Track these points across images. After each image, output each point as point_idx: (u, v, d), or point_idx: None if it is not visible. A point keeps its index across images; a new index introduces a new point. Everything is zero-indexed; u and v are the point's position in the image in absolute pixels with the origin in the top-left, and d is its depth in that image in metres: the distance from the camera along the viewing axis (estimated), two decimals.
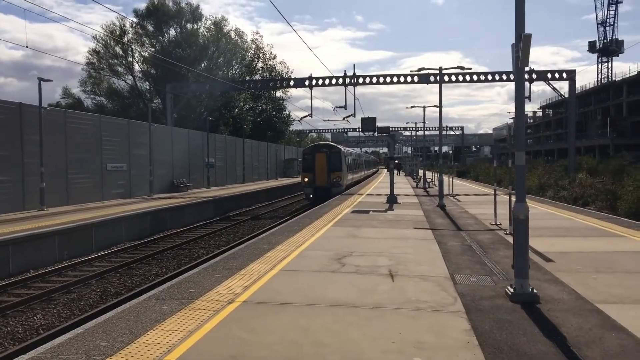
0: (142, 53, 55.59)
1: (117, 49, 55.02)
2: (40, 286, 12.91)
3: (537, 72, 40.96)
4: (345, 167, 32.39)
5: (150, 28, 55.65)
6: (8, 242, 13.96)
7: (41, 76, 21.50)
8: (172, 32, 56.78)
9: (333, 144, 35.33)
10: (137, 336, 5.72)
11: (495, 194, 16.24)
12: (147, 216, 21.19)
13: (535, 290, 7.28)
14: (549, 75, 41.24)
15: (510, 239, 11.76)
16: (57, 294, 12.22)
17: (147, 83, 57.23)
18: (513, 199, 8.37)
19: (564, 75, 41.44)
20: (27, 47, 54.10)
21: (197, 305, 6.91)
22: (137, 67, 56.36)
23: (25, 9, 21.63)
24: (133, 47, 54.40)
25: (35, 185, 20.92)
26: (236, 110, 60.98)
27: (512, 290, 7.30)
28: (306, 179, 31.49)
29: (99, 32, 53.83)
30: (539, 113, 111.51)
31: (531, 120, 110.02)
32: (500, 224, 14.99)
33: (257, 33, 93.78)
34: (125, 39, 54.30)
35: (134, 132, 29.47)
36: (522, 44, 7.16)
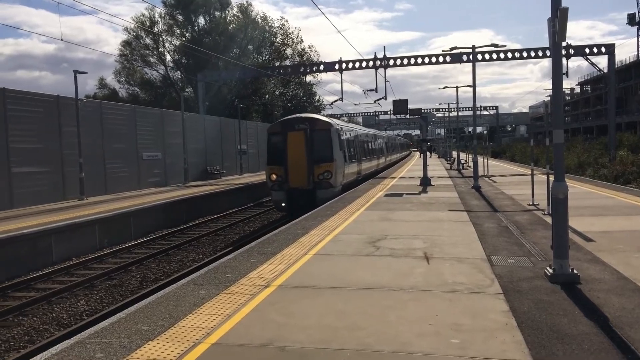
0: (173, 42, 56.18)
1: (148, 39, 55.73)
2: (82, 273, 13.32)
3: (575, 47, 39.66)
4: (340, 154, 20.54)
5: (180, 17, 56.10)
6: (51, 232, 14.41)
7: (74, 68, 21.98)
8: (201, 20, 57.13)
9: (318, 116, 22.64)
10: (177, 320, 5.84)
11: (532, 174, 15.90)
12: (183, 204, 21.54)
13: (575, 271, 7.12)
14: (587, 50, 39.89)
15: (548, 219, 11.52)
16: (99, 280, 12.58)
17: (179, 72, 57.86)
18: (551, 178, 8.17)
19: (603, 49, 40.00)
20: (61, 40, 55.34)
21: (233, 290, 7.01)
22: (168, 57, 57.04)
23: (58, 2, 22.19)
24: (164, 37, 55.00)
25: (74, 176, 21.49)
26: (267, 96, 61.15)
27: (551, 271, 7.15)
28: (273, 177, 19.76)
29: (130, 24, 54.58)
30: (577, 89, 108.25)
31: (568, 97, 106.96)
32: (538, 205, 14.68)
33: (282, 18, 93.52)
34: (156, 30, 54.91)
35: (168, 121, 29.91)
36: (558, 18, 6.92)
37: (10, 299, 11.27)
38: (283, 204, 19.86)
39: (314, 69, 48.24)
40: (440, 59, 39.37)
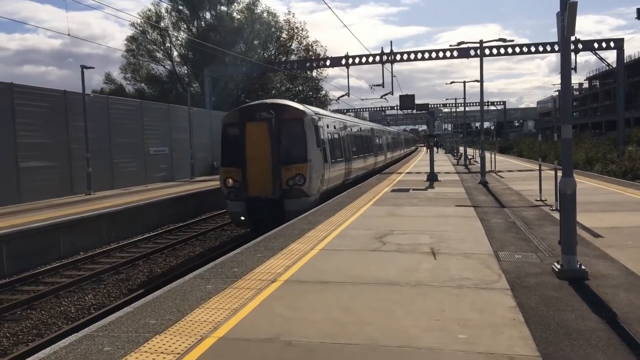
0: (180, 38, 56.22)
1: (155, 34, 55.78)
2: (90, 267, 13.40)
3: (583, 42, 39.38)
4: (318, 153, 16.12)
5: (186, 12, 56.11)
6: (58, 226, 14.49)
7: (80, 63, 22.06)
8: (207, 15, 57.10)
9: (288, 102, 17.93)
10: (184, 314, 5.86)
11: (540, 169, 15.82)
12: (190, 199, 21.61)
13: (583, 267, 7.08)
14: (596, 45, 39.60)
15: (556, 215, 11.47)
16: (107, 274, 12.65)
17: (185, 68, 57.90)
18: (559, 173, 8.12)
19: (612, 44, 39.68)
20: (69, 35, 55.24)
21: (240, 284, 7.02)
22: (175, 52, 57.09)
23: None
24: (170, 32, 55.05)
25: (82, 171, 21.58)
26: (273, 91, 61.08)
27: (559, 266, 7.12)
28: (229, 182, 15.58)
29: (136, 19, 54.65)
30: (585, 84, 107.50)
31: (577, 92, 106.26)
32: (546, 200, 14.61)
33: (289, 13, 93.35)
34: (162, 25, 54.96)
35: (174, 116, 29.97)
36: (567, 12, 6.86)
37: (18, 293, 11.35)
38: (242, 218, 15.52)
39: (320, 64, 48.15)
40: (448, 53, 39.20)
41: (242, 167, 15.29)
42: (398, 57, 39.55)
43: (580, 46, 38.94)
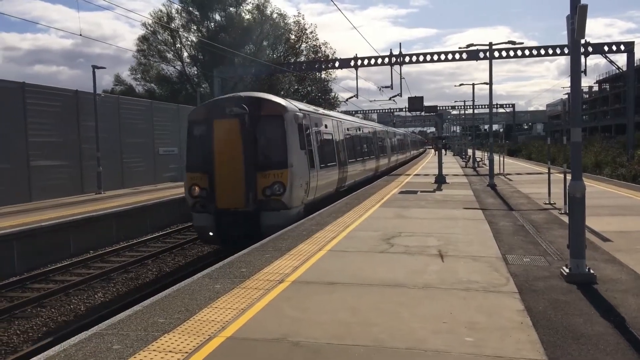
0: (190, 38, 56.49)
1: (166, 35, 56.09)
2: (99, 266, 13.50)
3: (593, 45, 39.11)
4: (302, 156, 13.99)
5: (196, 13, 56.38)
6: (69, 225, 14.60)
7: (91, 64, 22.26)
8: (217, 17, 57.35)
9: (265, 95, 14.77)
10: (193, 313, 5.90)
11: (549, 173, 15.75)
12: None
13: (592, 271, 7.06)
14: (606, 48, 39.31)
15: (565, 218, 11.42)
16: (116, 273, 12.74)
17: (195, 68, 58.17)
18: (568, 177, 8.10)
19: (622, 47, 39.38)
20: (80, 35, 55.52)
21: (248, 284, 7.06)
22: (185, 53, 57.38)
23: None
24: (181, 32, 55.34)
25: (92, 170, 21.75)
26: (282, 92, 61.26)
27: (567, 270, 7.10)
28: (195, 191, 13.39)
29: (147, 19, 54.99)
30: (595, 88, 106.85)
31: (586, 96, 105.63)
32: (555, 203, 14.55)
33: (299, 14, 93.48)
34: (173, 25, 55.26)
35: (184, 117, 29.93)
36: (578, 15, 6.85)
37: (29, 291, 11.47)
38: (210, 233, 13.13)
39: (329, 65, 48.17)
40: (457, 56, 39.05)
41: (209, 173, 12.94)
42: (407, 59, 39.46)
43: (590, 49, 38.68)
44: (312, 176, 14.46)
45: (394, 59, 38.96)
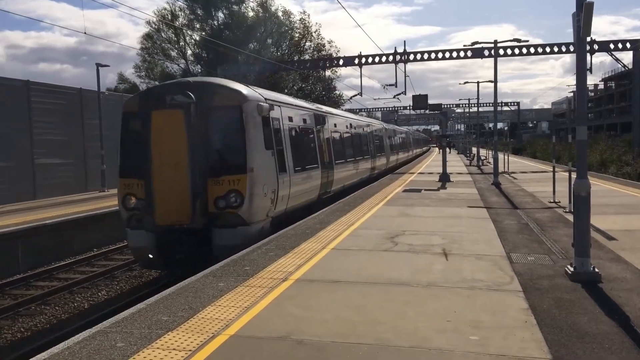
0: (194, 37, 56.55)
1: (170, 33, 56.16)
2: (103, 264, 13.53)
3: (599, 43, 38.95)
4: (267, 157, 11.50)
5: (199, 12, 56.41)
6: (73, 223, 14.64)
7: (95, 62, 22.28)
8: (221, 15, 57.37)
9: (216, 80, 12.09)
10: (196, 311, 5.91)
11: (554, 171, 15.70)
12: None
13: (596, 269, 7.03)
14: (612, 46, 39.15)
15: (570, 217, 11.38)
16: (119, 271, 12.76)
17: (199, 66, 58.20)
18: (573, 175, 8.07)
19: (628, 45, 39.22)
20: (85, 33, 55.71)
21: (252, 283, 7.06)
22: (189, 51, 57.43)
23: None
24: (185, 30, 55.39)
25: (96, 168, 21.81)
26: (285, 91, 61.22)
27: (572, 269, 7.07)
28: (130, 202, 10.88)
29: (152, 17, 55.05)
30: (601, 86, 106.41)
31: (592, 94, 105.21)
32: (560, 202, 14.50)
33: (304, 12, 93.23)
34: (177, 23, 55.31)
35: None
36: (583, 13, 6.81)
37: (32, 288, 11.50)
38: (150, 255, 10.54)
39: (333, 63, 48.12)
40: (462, 53, 38.96)
41: (146, 180, 10.21)
42: (411, 57, 39.40)
43: (595, 47, 38.51)
44: (282, 182, 11.96)
45: (398, 57, 38.91)
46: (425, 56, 39.76)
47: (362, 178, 22.89)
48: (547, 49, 39.20)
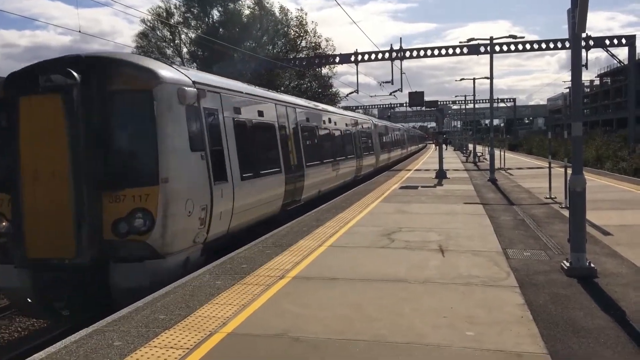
0: (189, 35, 56.40)
1: (165, 31, 56.01)
2: None
3: (594, 39, 39.09)
4: (195, 161, 8.31)
5: (194, 11, 56.25)
6: None
7: None
8: (216, 12, 57.23)
9: (115, 54, 8.92)
10: (193, 310, 5.91)
11: (549, 167, 15.74)
12: None
13: (592, 265, 7.06)
14: (607, 42, 39.30)
15: (565, 212, 11.41)
16: None
17: (195, 64, 58.07)
18: (569, 171, 8.10)
19: (623, 40, 39.38)
20: (79, 31, 55.78)
21: (249, 281, 7.06)
22: (184, 49, 57.29)
23: None
24: (180, 29, 55.24)
25: None
26: (281, 88, 61.12)
27: (568, 264, 7.10)
28: None
29: (146, 15, 54.87)
30: (596, 81, 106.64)
31: (587, 90, 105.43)
32: (555, 198, 14.55)
33: (301, 10, 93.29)
34: (172, 21, 55.16)
35: None
36: (579, 9, 6.83)
37: None
38: (28, 300, 7.74)
39: (329, 60, 48.12)
40: (458, 50, 39.05)
41: (14, 195, 7.59)
42: (407, 53, 39.47)
43: (591, 43, 38.65)
44: (219, 195, 8.90)
45: (394, 54, 38.95)
46: (421, 53, 39.84)
47: (345, 181, 20.36)
48: (543, 45, 39.30)
